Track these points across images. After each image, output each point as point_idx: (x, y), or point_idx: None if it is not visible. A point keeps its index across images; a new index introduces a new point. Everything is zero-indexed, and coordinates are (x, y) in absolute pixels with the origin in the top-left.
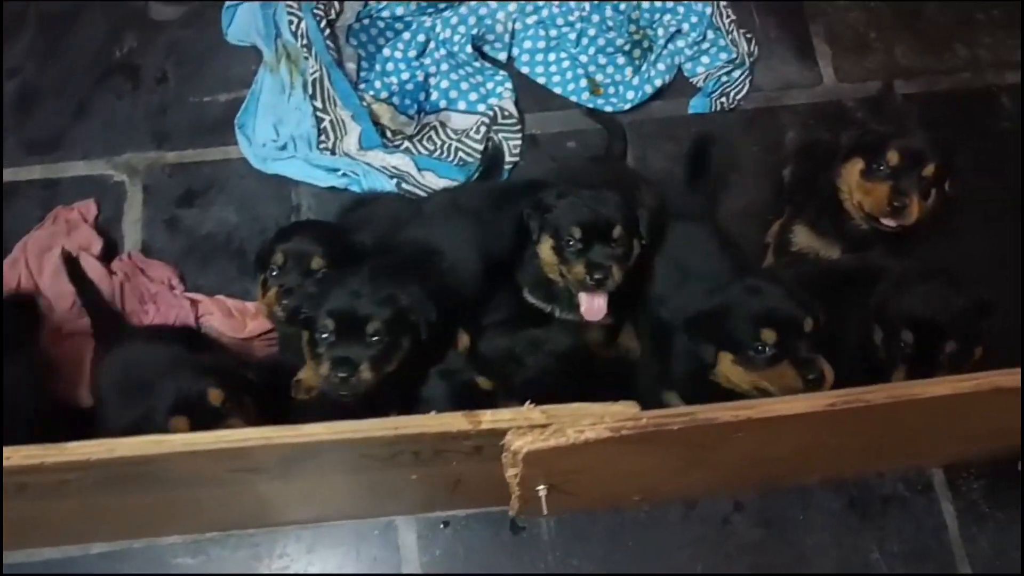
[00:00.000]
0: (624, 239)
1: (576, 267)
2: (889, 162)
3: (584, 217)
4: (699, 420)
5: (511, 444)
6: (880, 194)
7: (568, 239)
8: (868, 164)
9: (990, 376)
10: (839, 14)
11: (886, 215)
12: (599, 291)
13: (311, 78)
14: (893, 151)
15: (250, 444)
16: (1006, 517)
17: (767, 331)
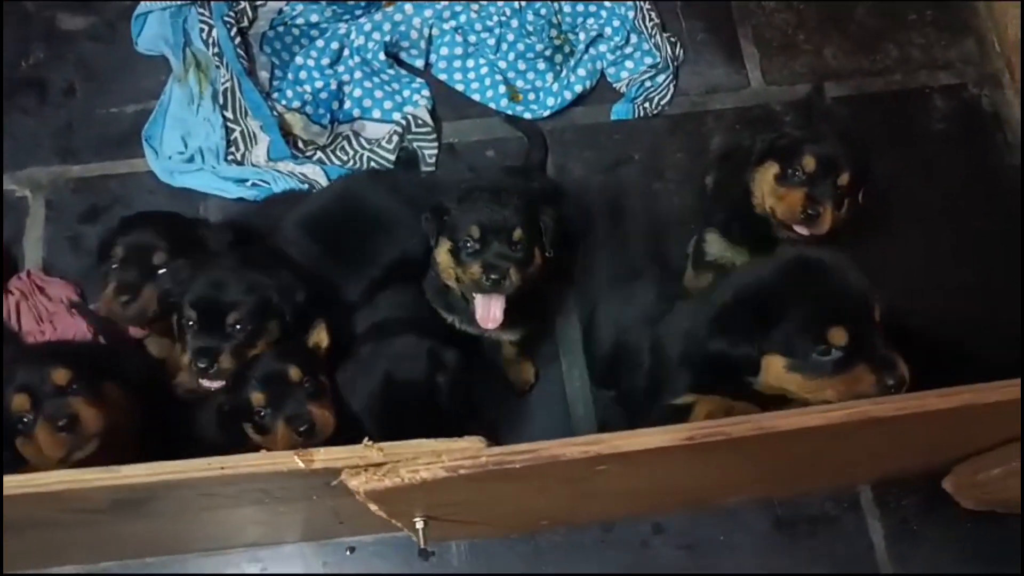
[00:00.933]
0: (525, 243)
1: (472, 267)
2: (805, 168)
3: (483, 216)
4: (543, 457)
5: (347, 483)
6: (794, 201)
7: (466, 239)
8: (783, 169)
9: (862, 406)
10: (767, 16)
11: (799, 223)
12: (496, 292)
13: (222, 87)
14: (809, 157)
15: (62, 488)
16: (936, 535)
17: (836, 330)
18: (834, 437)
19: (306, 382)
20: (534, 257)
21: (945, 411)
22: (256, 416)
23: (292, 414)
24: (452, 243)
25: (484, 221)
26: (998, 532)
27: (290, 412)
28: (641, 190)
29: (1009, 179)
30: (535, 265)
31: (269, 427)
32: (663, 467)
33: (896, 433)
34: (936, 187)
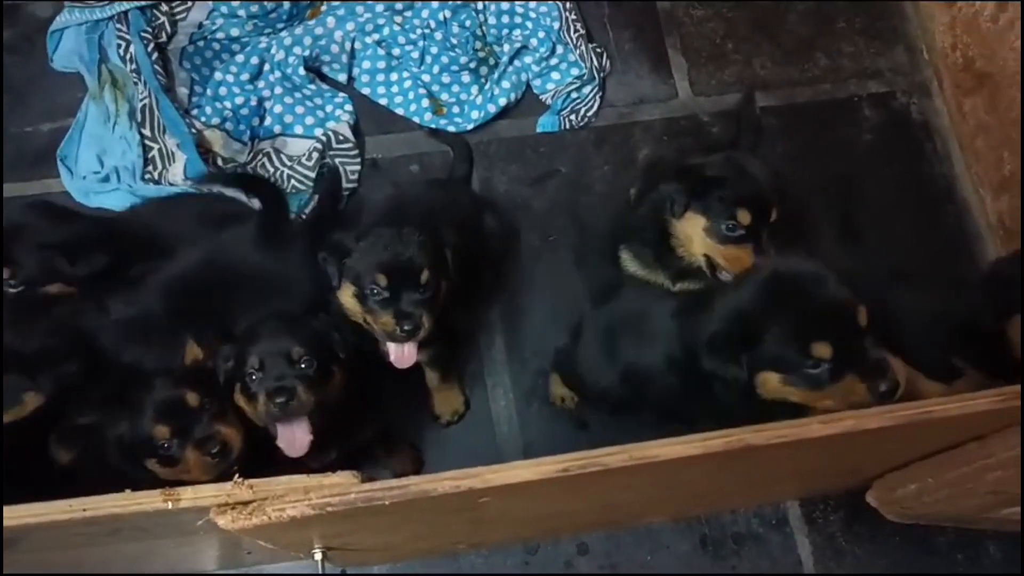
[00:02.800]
0: (432, 283)
1: (383, 318)
2: (741, 223)
3: (388, 260)
4: (412, 493)
5: (216, 522)
6: (741, 256)
7: (372, 287)
8: (713, 223)
9: (741, 433)
10: (696, 25)
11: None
12: (410, 341)
13: (140, 104)
14: (743, 211)
15: None
16: (862, 549)
17: (820, 345)
18: (725, 461)
19: (206, 404)
20: (440, 291)
21: (832, 437)
22: (161, 450)
23: (201, 437)
24: (357, 288)
25: (390, 266)
26: (924, 545)
27: (199, 436)
28: (568, 203)
29: (939, 188)
30: (442, 297)
31: (177, 457)
32: (552, 493)
33: (792, 456)
34: (866, 197)
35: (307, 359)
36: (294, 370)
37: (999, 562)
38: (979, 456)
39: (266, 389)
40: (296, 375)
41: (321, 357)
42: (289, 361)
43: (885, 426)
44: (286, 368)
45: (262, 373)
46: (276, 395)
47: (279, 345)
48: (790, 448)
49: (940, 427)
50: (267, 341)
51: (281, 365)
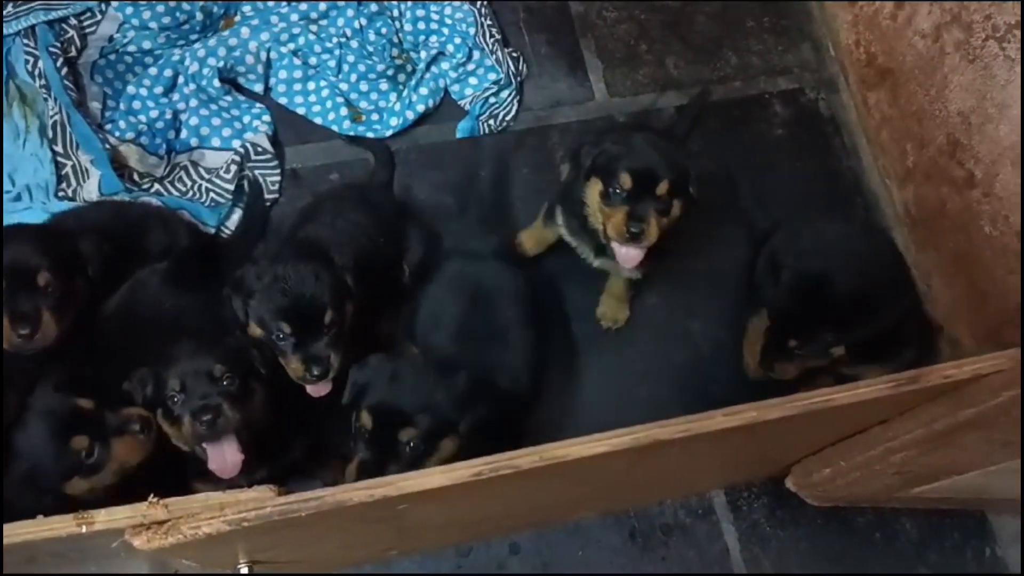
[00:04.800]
0: (336, 319)
1: (293, 363)
2: (623, 185)
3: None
4: (329, 504)
5: (131, 543)
6: (618, 220)
7: (279, 335)
8: (606, 187)
9: (648, 428)
10: (609, 27)
11: (625, 241)
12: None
13: (50, 121)
14: (624, 174)
15: None
16: (786, 534)
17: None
18: (637, 458)
19: (226, 378)
20: (346, 320)
21: (736, 428)
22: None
23: (200, 406)
24: (264, 332)
25: (292, 313)
26: (843, 526)
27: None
28: (488, 207)
29: (847, 180)
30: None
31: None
32: (472, 497)
33: (705, 449)
34: (777, 190)
35: (229, 376)
36: (217, 387)
37: (915, 539)
38: (884, 439)
39: (191, 409)
40: (219, 392)
41: (242, 374)
42: (211, 379)
43: (786, 416)
44: (208, 387)
45: (184, 395)
46: (202, 414)
47: (199, 364)
48: (698, 441)
49: (841, 414)
50: (186, 362)
51: (203, 384)
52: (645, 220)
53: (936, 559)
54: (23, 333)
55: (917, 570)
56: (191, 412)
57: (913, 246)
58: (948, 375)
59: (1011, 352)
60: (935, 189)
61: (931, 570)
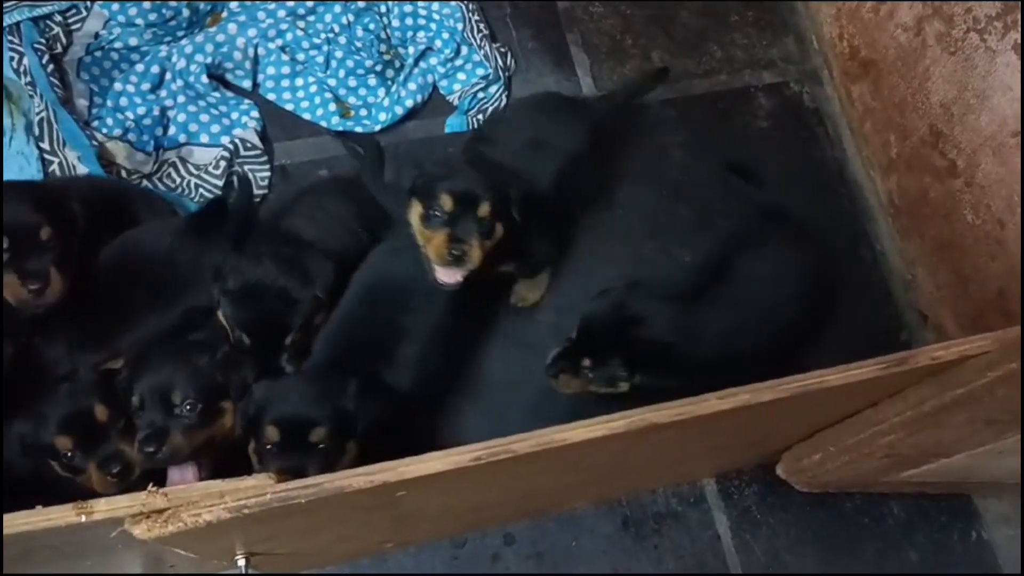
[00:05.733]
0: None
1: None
2: (444, 207)
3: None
4: (328, 490)
5: (131, 532)
6: (439, 243)
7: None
8: (426, 209)
9: (643, 412)
10: (595, 21)
11: (447, 264)
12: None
13: (36, 118)
14: (445, 195)
15: None
16: (777, 520)
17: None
18: (630, 443)
19: (113, 419)
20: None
21: (729, 412)
22: (64, 459)
23: (104, 456)
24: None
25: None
26: (832, 511)
27: (101, 454)
28: None
29: (831, 170)
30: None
31: (80, 467)
32: (470, 484)
33: (697, 433)
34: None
35: (190, 403)
36: (171, 415)
37: (903, 522)
38: (873, 422)
39: (138, 438)
40: (175, 419)
41: (210, 397)
42: (168, 404)
43: (779, 398)
44: (162, 412)
45: (142, 413)
46: (145, 443)
47: (160, 385)
48: (691, 425)
49: (832, 396)
50: (149, 378)
51: (158, 408)
52: (467, 242)
53: (923, 541)
54: (33, 288)
55: (905, 552)
56: (138, 439)
57: (897, 235)
58: (936, 356)
59: (996, 334)
60: (918, 179)
61: (918, 552)
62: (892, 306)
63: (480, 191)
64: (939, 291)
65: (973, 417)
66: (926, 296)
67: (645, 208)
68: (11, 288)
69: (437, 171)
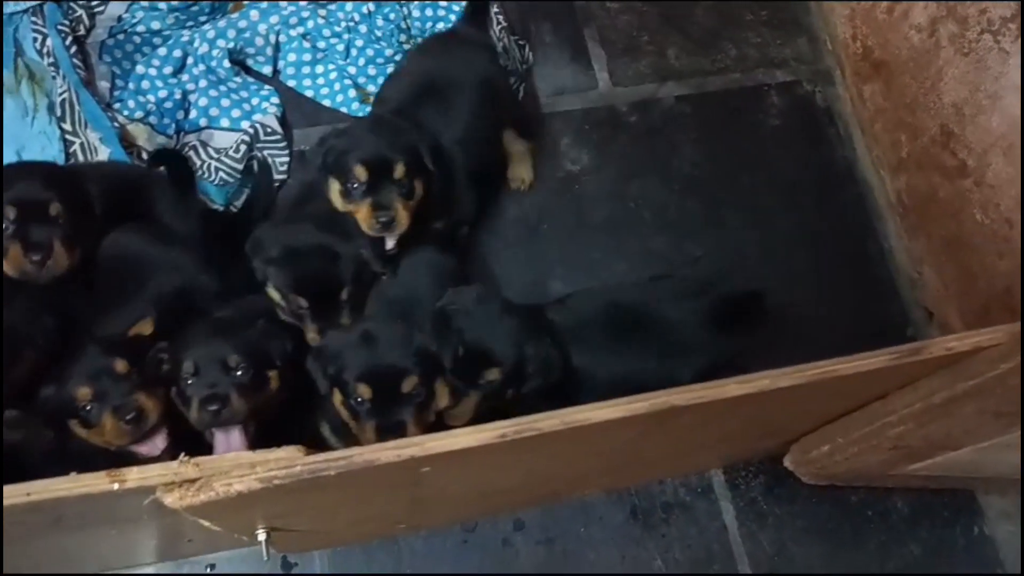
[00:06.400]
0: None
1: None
2: (359, 179)
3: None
4: (357, 463)
5: (162, 501)
6: (364, 214)
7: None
8: (343, 185)
9: (665, 395)
10: (611, 18)
11: (378, 232)
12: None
13: (59, 99)
14: (358, 167)
15: None
16: (783, 511)
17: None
18: (649, 427)
19: (132, 373)
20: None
21: (747, 396)
22: (81, 411)
23: (118, 404)
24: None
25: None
26: (837, 504)
27: (116, 403)
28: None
29: (841, 169)
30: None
31: (95, 421)
32: (490, 464)
33: (713, 420)
34: (772, 178)
35: (243, 366)
36: (229, 377)
37: (906, 516)
38: (882, 414)
39: (199, 396)
40: (231, 382)
41: (257, 364)
42: (224, 368)
43: (796, 384)
44: (220, 375)
45: (196, 378)
46: (208, 402)
47: (215, 350)
48: (710, 409)
49: (845, 385)
50: (202, 346)
51: (215, 371)
52: (391, 207)
53: (926, 536)
54: (35, 260)
55: (908, 546)
56: (199, 399)
57: (905, 233)
58: (950, 347)
59: (1008, 327)
60: (927, 178)
61: (921, 546)
62: (899, 303)
63: (391, 153)
64: (945, 288)
65: (983, 409)
66: (932, 293)
67: (657, 203)
68: (14, 258)
69: (344, 143)
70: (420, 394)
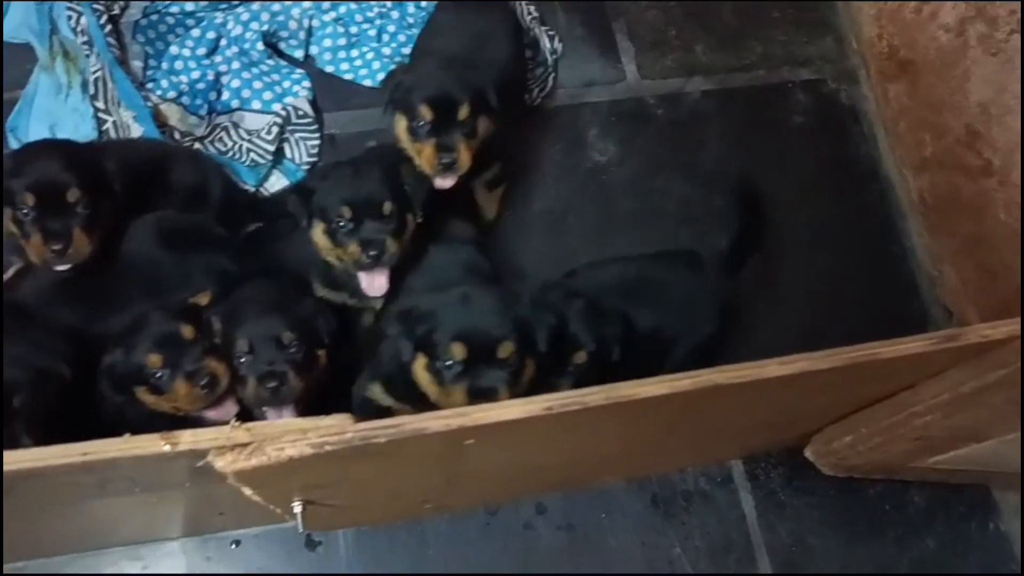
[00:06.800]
0: (396, 213)
1: (350, 247)
2: (424, 118)
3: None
4: (407, 431)
5: (214, 464)
6: (428, 154)
7: (338, 220)
8: (409, 121)
9: (708, 373)
10: (640, 13)
11: (439, 175)
12: (377, 268)
13: (92, 77)
14: (423, 106)
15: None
16: (801, 502)
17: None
18: (686, 407)
19: (200, 339)
20: (407, 224)
21: (786, 378)
22: (152, 378)
23: (192, 370)
24: (325, 224)
25: (353, 199)
26: (855, 496)
27: (190, 368)
28: (517, 180)
29: (863, 167)
30: (408, 231)
31: (166, 387)
32: (530, 440)
33: (748, 403)
34: (795, 175)
35: (296, 344)
36: (284, 355)
37: (923, 510)
38: (909, 404)
39: (257, 374)
40: (286, 360)
41: (308, 342)
42: (279, 345)
43: (836, 366)
44: (276, 353)
45: (252, 356)
46: (267, 380)
47: (269, 328)
48: (750, 389)
49: (882, 370)
50: (256, 323)
51: (271, 349)
52: (455, 149)
53: (942, 530)
54: (55, 249)
55: (924, 540)
56: (257, 376)
57: (926, 232)
58: (985, 335)
59: None
60: (950, 177)
61: (937, 540)
62: (918, 301)
63: (456, 93)
64: (964, 287)
65: (1012, 398)
66: (952, 292)
67: (681, 196)
68: (35, 247)
69: (411, 80)
70: (514, 363)
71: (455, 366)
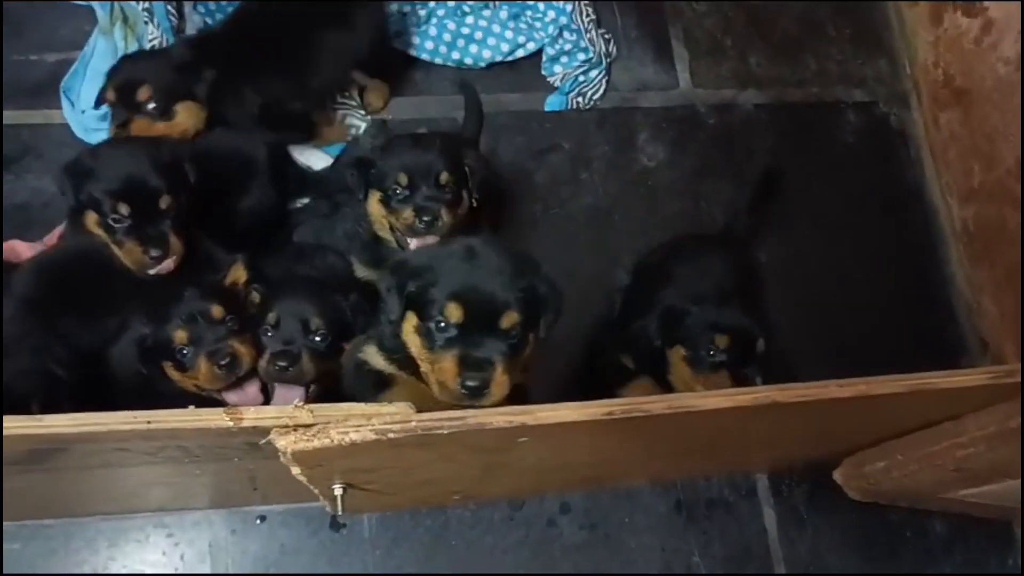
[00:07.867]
0: (452, 185)
1: (404, 213)
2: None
3: (409, 162)
4: (470, 424)
5: (275, 443)
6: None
7: (395, 187)
8: (385, 194)
9: (768, 390)
10: (697, 18)
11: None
12: (430, 234)
13: (148, 45)
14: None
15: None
16: (823, 522)
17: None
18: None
19: (228, 319)
20: (462, 198)
21: (842, 400)
22: (178, 354)
23: (213, 349)
24: (382, 192)
25: (411, 166)
26: (877, 520)
27: (211, 347)
28: (567, 178)
29: (909, 192)
30: (464, 207)
31: (190, 364)
32: (579, 441)
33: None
34: (841, 194)
35: (323, 332)
36: (307, 339)
37: (943, 538)
38: (952, 434)
39: (272, 349)
40: (306, 344)
41: (336, 334)
42: (304, 328)
43: (893, 392)
44: (299, 334)
45: (275, 331)
46: (279, 358)
47: (300, 309)
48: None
49: (934, 399)
50: (289, 302)
51: (295, 329)
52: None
53: (960, 560)
54: (154, 256)
55: (942, 569)
56: (272, 352)
57: (967, 261)
58: None
59: None
60: (999, 208)
61: (954, 571)
62: (954, 329)
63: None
64: (1003, 319)
65: None
66: (989, 323)
67: (727, 204)
68: (131, 255)
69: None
70: (516, 336)
71: (448, 329)
